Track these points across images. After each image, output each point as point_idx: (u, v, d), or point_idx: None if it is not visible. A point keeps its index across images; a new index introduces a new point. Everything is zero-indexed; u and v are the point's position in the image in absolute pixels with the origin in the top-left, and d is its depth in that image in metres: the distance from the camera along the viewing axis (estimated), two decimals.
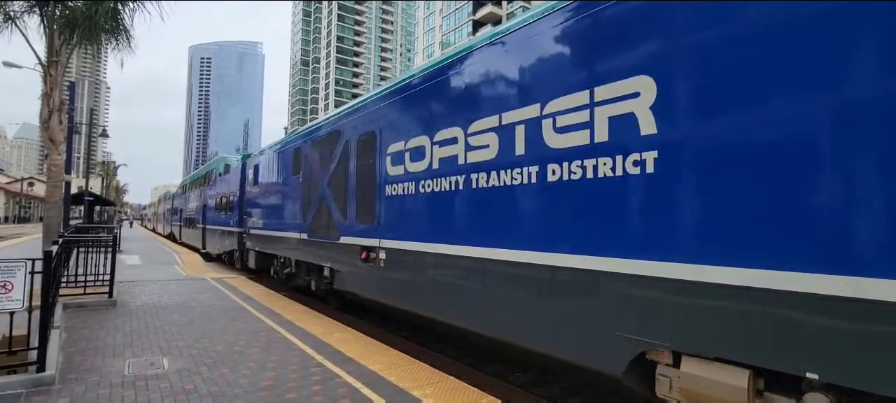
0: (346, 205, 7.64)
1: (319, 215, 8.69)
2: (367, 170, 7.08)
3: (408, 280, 6.12)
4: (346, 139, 7.84)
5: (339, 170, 8.01)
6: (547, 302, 4.25)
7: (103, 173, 66.93)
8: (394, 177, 6.43)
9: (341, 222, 7.76)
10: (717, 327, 3.09)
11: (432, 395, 4.34)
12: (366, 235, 7.00)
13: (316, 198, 8.85)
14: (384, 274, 6.56)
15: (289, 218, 10.34)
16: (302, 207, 9.53)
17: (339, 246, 7.81)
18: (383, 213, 6.63)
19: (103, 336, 6.11)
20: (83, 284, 8.32)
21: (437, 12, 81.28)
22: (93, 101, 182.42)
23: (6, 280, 4.24)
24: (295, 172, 10.12)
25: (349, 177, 7.60)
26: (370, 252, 6.84)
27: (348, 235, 7.51)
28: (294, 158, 10.24)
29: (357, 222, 7.29)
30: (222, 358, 5.32)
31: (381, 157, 6.74)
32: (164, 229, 37.94)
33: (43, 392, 4.16)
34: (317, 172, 8.92)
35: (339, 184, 7.97)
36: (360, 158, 7.35)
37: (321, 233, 8.60)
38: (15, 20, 9.92)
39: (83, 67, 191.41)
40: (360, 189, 7.26)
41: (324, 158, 8.70)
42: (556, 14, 4.33)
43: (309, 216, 9.12)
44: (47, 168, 10.37)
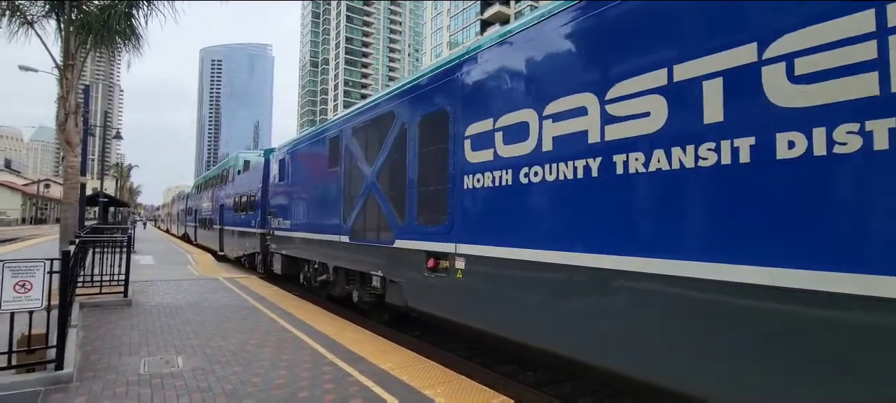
0: (404, 202, 6.45)
1: (365, 214, 7.59)
2: (435, 159, 5.89)
3: (506, 298, 4.79)
4: (401, 123, 6.63)
5: (392, 159, 6.85)
6: (783, 346, 2.81)
7: (117, 175, 68.01)
8: (476, 165, 5.17)
9: (396, 222, 6.60)
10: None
11: (444, 394, 4.34)
12: (433, 238, 5.80)
13: (360, 195, 7.69)
14: (465, 288, 5.28)
15: (324, 218, 9.23)
16: (341, 205, 8.39)
17: (394, 251, 6.65)
18: (460, 211, 5.40)
19: (119, 335, 6.20)
20: (99, 284, 8.45)
21: (444, 12, 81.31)
22: (107, 104, 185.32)
23: (25, 280, 4.32)
24: (332, 165, 8.92)
25: (407, 167, 6.39)
26: (440, 259, 5.72)
27: (407, 238, 6.35)
28: (330, 149, 9.03)
29: (420, 222, 6.10)
30: (235, 357, 5.37)
31: (455, 142, 5.49)
32: (178, 230, 37.24)
33: (61, 389, 4.23)
34: (361, 164, 7.76)
35: (392, 177, 6.83)
36: (423, 144, 6.16)
37: (368, 236, 7.47)
38: (32, 24, 10.10)
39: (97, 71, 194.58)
40: (424, 182, 6.09)
41: (370, 147, 7.55)
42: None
43: (351, 215, 8.01)
44: (64, 170, 10.55)
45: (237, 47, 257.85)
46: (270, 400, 4.12)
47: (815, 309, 2.66)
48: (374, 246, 7.27)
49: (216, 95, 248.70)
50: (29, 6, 10.05)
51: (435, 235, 5.81)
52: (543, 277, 4.33)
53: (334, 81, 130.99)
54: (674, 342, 3.37)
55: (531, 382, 5.87)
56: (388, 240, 6.79)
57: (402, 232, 6.50)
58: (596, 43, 4.07)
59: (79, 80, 10.28)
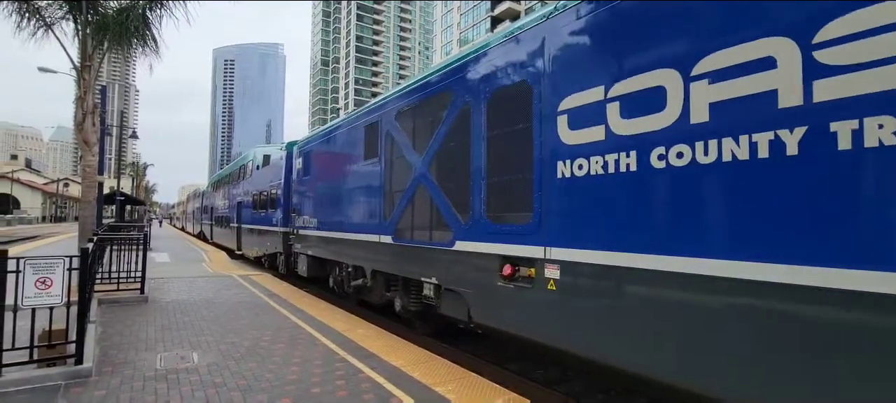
0: (467, 196, 5.46)
1: (414, 210, 6.66)
2: (511, 143, 4.93)
3: (630, 319, 3.69)
4: (461, 102, 5.67)
5: (449, 146, 5.91)
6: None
7: (133, 173, 69.25)
8: (577, 148, 4.12)
9: (456, 220, 5.63)
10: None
11: (455, 391, 4.35)
12: (511, 239, 4.78)
13: (407, 188, 6.69)
14: (559, 303, 4.25)
15: (359, 215, 8.29)
16: (382, 201, 7.45)
17: (453, 254, 5.67)
18: (552, 206, 4.35)
19: (136, 331, 6.33)
20: (116, 281, 8.62)
21: (455, 10, 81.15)
22: (123, 104, 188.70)
23: (46, 276, 4.43)
24: (369, 155, 7.97)
25: (471, 154, 5.42)
26: (520, 265, 4.71)
27: (472, 239, 5.35)
28: (367, 138, 8.06)
29: (491, 219, 5.12)
30: (249, 353, 5.45)
31: (543, 120, 4.48)
32: (194, 228, 36.67)
33: (80, 384, 4.34)
34: (407, 153, 6.81)
35: (450, 167, 5.93)
36: (493, 126, 5.16)
37: (417, 236, 6.53)
38: (51, 27, 10.32)
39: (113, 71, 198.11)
40: (495, 171, 5.13)
41: (419, 133, 6.63)
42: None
43: (395, 212, 7.03)
44: (82, 169, 10.79)
45: (249, 47, 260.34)
46: (284, 396, 4.17)
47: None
48: (427, 248, 6.25)
49: (229, 94, 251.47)
50: (48, 8, 10.27)
51: (513, 235, 4.78)
52: (692, 297, 3.25)
53: (345, 80, 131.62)
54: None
55: (541, 379, 5.86)
56: (446, 241, 5.79)
57: (464, 232, 5.50)
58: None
59: (96, 81, 10.48)
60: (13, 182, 63.47)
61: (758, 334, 2.94)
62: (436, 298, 6.27)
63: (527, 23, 4.93)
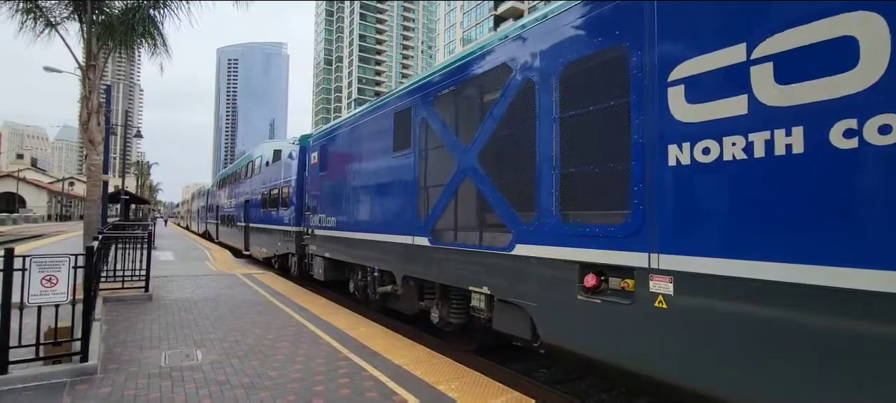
0: (532, 190, 4.59)
1: (457, 208, 5.87)
2: (598, 122, 4.09)
3: (787, 351, 2.84)
4: (524, 78, 4.77)
5: (506, 131, 5.05)
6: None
7: (138, 173, 69.58)
8: (700, 127, 3.25)
9: (516, 219, 4.79)
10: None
11: (458, 389, 4.36)
12: (597, 243, 3.93)
13: (449, 183, 5.89)
14: (672, 326, 3.37)
15: (388, 214, 7.47)
16: (415, 198, 6.60)
17: (512, 261, 4.83)
18: (662, 201, 3.45)
19: (141, 329, 6.36)
20: (121, 279, 8.68)
21: (458, 9, 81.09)
22: (127, 104, 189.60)
23: (52, 274, 4.46)
24: (400, 147, 7.09)
25: (537, 141, 4.56)
26: (607, 276, 3.90)
27: (538, 242, 4.49)
28: (397, 127, 7.22)
29: (566, 219, 4.26)
30: (253, 351, 5.47)
31: (645, 94, 3.59)
32: (198, 227, 36.23)
33: (86, 381, 4.37)
34: (449, 142, 5.97)
35: (508, 156, 5.06)
36: (570, 103, 4.28)
37: (462, 238, 5.70)
38: (56, 26, 10.38)
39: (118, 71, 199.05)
40: (573, 159, 4.24)
41: (465, 118, 5.91)
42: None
43: (433, 210, 6.19)
44: (87, 168, 10.84)
45: (253, 46, 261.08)
46: (287, 394, 4.19)
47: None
48: (476, 253, 5.40)
49: (233, 94, 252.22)
50: (52, 8, 10.33)
51: (599, 239, 3.92)
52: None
53: (348, 79, 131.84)
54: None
55: (545, 379, 5.86)
56: (501, 245, 4.98)
57: (527, 234, 4.63)
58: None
59: (100, 80, 10.53)
60: (19, 181, 63.90)
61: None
62: (487, 311, 5.37)
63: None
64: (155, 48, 10.97)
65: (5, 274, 4.15)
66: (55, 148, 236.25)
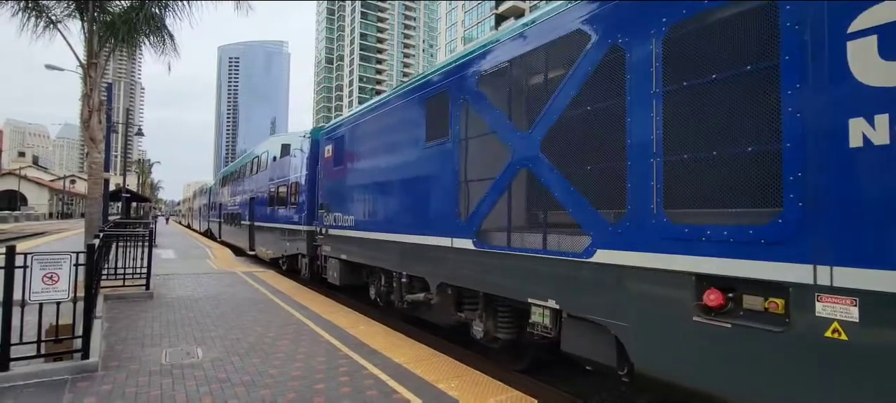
0: (621, 183, 3.85)
1: (511, 205, 5.06)
2: (724, 94, 3.27)
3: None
4: (605, 46, 3.98)
5: (580, 112, 4.26)
6: None
7: (139, 171, 69.68)
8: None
9: (597, 219, 4.01)
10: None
11: (458, 388, 4.37)
12: (722, 250, 3.14)
13: (500, 176, 5.10)
14: (859, 365, 2.57)
15: (418, 212, 6.66)
16: (455, 193, 5.80)
17: (591, 269, 4.04)
18: (841, 195, 2.68)
19: (141, 327, 6.38)
20: (122, 277, 8.69)
21: (459, 7, 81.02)
22: (129, 102, 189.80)
23: (53, 272, 4.47)
24: (434, 136, 6.30)
25: (630, 120, 3.77)
26: (741, 293, 3.08)
27: (632, 247, 3.71)
28: (430, 113, 6.44)
29: (674, 219, 3.46)
30: (253, 349, 5.48)
31: (810, 51, 2.80)
32: (200, 226, 35.64)
33: (87, 378, 4.38)
34: (501, 127, 5.16)
35: (585, 142, 4.27)
36: (678, 73, 3.47)
37: (518, 241, 4.90)
38: (57, 24, 10.39)
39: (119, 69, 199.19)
40: (685, 142, 3.44)
41: (522, 98, 5.07)
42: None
43: (478, 208, 5.41)
44: (88, 166, 10.86)
45: (254, 45, 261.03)
46: (288, 392, 4.19)
47: None
48: (538, 259, 4.58)
49: (234, 92, 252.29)
50: (53, 7, 10.34)
51: (730, 244, 3.09)
52: None
53: (349, 78, 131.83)
54: None
55: (545, 378, 5.86)
56: (575, 250, 4.21)
57: (613, 237, 3.85)
58: None
59: (102, 79, 10.55)
60: (21, 179, 64.02)
61: None
62: (551, 328, 4.56)
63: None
64: (163, 46, 11.00)
65: (7, 271, 4.16)
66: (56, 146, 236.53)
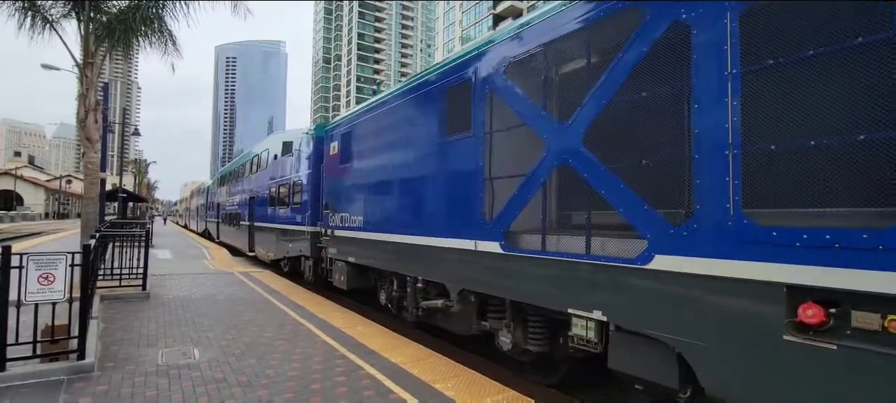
0: (685, 179, 3.44)
1: (547, 205, 4.64)
2: (831, 71, 2.85)
3: None
4: (664, 23, 3.55)
5: (631, 99, 3.78)
6: None
7: (135, 170, 69.45)
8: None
9: (654, 220, 3.56)
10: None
11: (454, 388, 4.38)
12: (821, 257, 2.72)
13: (534, 172, 4.60)
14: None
15: (436, 212, 6.19)
16: (479, 192, 5.32)
17: (648, 277, 3.58)
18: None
19: (138, 327, 6.37)
20: (118, 277, 8.67)
21: (456, 7, 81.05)
22: (125, 101, 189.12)
23: (49, 272, 4.46)
24: (454, 129, 5.86)
25: (692, 108, 3.36)
26: (843, 307, 2.68)
27: (698, 252, 3.27)
28: (450, 104, 6.00)
29: (753, 219, 3.02)
30: (250, 349, 5.48)
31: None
32: (198, 226, 35.10)
33: (83, 379, 4.37)
34: (534, 119, 4.69)
35: (638, 132, 3.89)
36: (760, 51, 3.05)
37: (555, 244, 4.43)
38: (53, 24, 10.35)
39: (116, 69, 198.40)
40: (767, 132, 3.03)
41: (559, 86, 4.69)
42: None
43: (506, 207, 4.93)
44: (84, 166, 10.82)
45: (251, 44, 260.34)
46: (284, 392, 4.20)
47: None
48: (582, 264, 4.12)
49: (231, 92, 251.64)
50: (49, 6, 10.30)
51: (835, 251, 2.64)
52: None
53: (347, 77, 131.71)
54: None
55: (542, 378, 5.87)
56: (627, 255, 3.76)
57: (677, 240, 3.39)
58: None
59: (98, 78, 10.52)
60: (16, 179, 63.69)
61: None
62: (597, 343, 4.11)
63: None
64: (165, 47, 11.00)
65: (3, 271, 4.15)
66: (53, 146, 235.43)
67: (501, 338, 5.39)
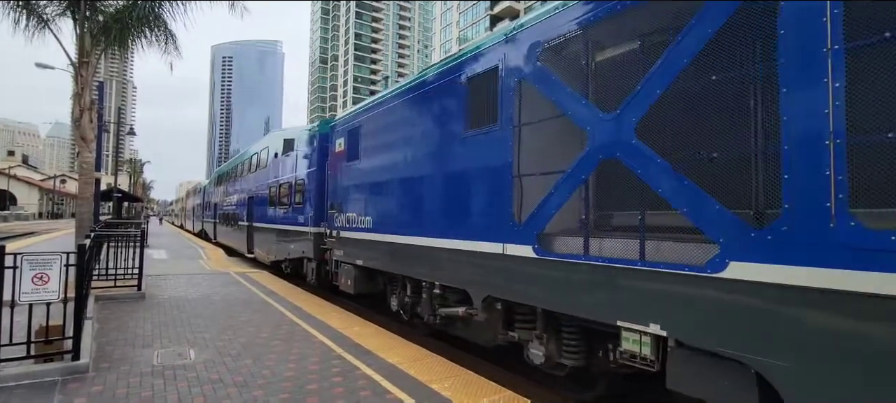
0: (765, 173, 3.25)
1: (589, 204, 4.20)
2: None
3: None
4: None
5: (696, 86, 3.42)
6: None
7: (130, 170, 69.07)
8: None
9: (727, 222, 3.14)
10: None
11: (451, 388, 4.38)
12: None
13: (574, 169, 4.15)
14: None
15: (457, 212, 5.73)
16: (508, 190, 4.84)
17: (718, 286, 3.17)
18: None
19: (133, 328, 6.33)
20: (113, 277, 8.62)
21: (454, 8, 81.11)
22: (120, 101, 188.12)
23: (43, 272, 4.43)
24: (477, 122, 5.41)
25: (780, 91, 2.94)
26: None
27: (789, 260, 2.84)
28: (473, 95, 5.53)
29: (864, 221, 2.61)
30: (246, 350, 5.46)
31: None
32: (194, 226, 34.71)
33: (78, 379, 4.35)
34: (574, 108, 4.23)
35: (705, 123, 3.46)
36: (877, 21, 2.62)
37: (599, 248, 4.02)
38: (49, 23, 10.30)
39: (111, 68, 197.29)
40: (883, 119, 2.62)
41: (605, 72, 4.35)
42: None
43: (542, 208, 4.43)
44: (79, 165, 10.77)
45: (248, 44, 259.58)
46: (281, 392, 4.19)
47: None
48: (635, 271, 3.63)
49: (227, 91, 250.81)
50: (44, 5, 10.25)
51: None
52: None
53: (343, 78, 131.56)
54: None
55: (538, 379, 5.88)
56: (693, 262, 3.30)
57: (755, 246, 2.98)
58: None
59: (93, 77, 10.46)
60: (10, 178, 63.23)
61: None
62: (654, 359, 3.67)
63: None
64: (165, 45, 10.98)
65: None
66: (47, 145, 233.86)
67: (532, 351, 4.89)
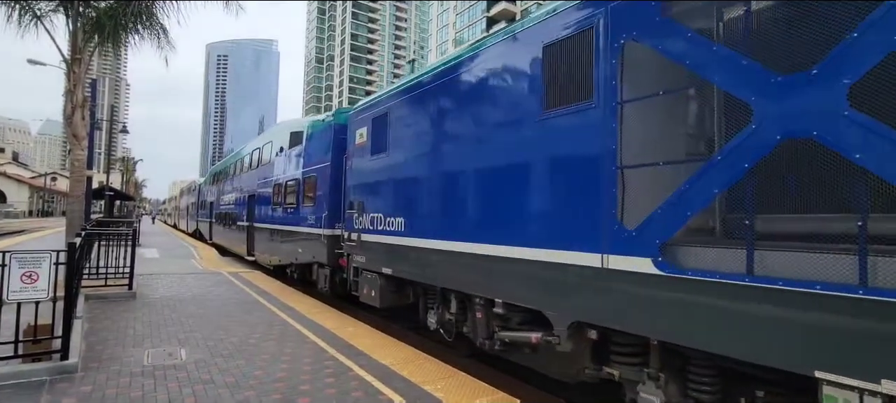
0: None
1: (747, 202, 3.00)
2: None
3: None
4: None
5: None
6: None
7: (123, 168, 68.52)
8: None
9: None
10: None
11: (443, 389, 4.38)
12: None
13: (729, 154, 3.05)
14: None
15: (529, 214, 4.61)
16: (607, 186, 3.82)
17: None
18: None
19: (123, 327, 6.28)
20: (104, 276, 8.55)
21: (450, 9, 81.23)
22: (113, 98, 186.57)
23: (32, 271, 4.38)
24: (559, 101, 4.32)
25: None
26: None
27: None
28: (551, 68, 4.44)
29: None
30: (238, 350, 5.43)
31: None
32: (188, 226, 33.49)
33: (66, 379, 4.30)
34: (730, 76, 3.14)
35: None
36: None
37: (777, 263, 2.85)
38: (41, 19, 10.21)
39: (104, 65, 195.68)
40: None
41: (783, 23, 3.11)
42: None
43: (667, 208, 3.38)
44: (70, 163, 10.67)
45: (243, 43, 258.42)
46: (272, 393, 4.16)
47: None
48: (852, 303, 2.51)
49: (222, 90, 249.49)
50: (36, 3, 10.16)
51: None
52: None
53: (339, 78, 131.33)
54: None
55: (531, 380, 5.89)
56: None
57: None
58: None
59: (86, 74, 10.38)
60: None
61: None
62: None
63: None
64: (158, 41, 10.92)
65: None
66: (38, 142, 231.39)
67: (642, 395, 3.80)
